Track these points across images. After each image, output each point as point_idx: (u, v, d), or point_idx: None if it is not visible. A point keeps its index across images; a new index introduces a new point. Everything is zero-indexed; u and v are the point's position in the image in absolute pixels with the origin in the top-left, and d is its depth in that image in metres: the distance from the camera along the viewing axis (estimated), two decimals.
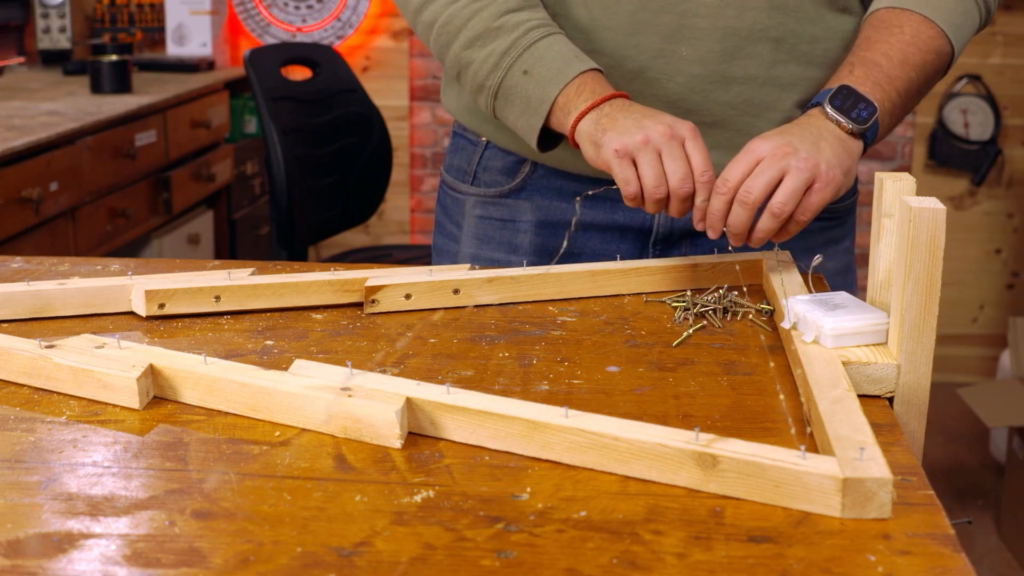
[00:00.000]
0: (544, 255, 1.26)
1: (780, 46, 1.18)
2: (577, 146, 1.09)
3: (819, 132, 1.05)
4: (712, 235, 1.03)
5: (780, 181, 1.00)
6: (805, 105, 1.17)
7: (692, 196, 1.02)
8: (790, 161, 1.00)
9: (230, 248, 3.25)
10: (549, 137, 1.15)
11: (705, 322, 1.01)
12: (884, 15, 1.17)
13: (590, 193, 1.20)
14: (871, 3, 1.22)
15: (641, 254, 1.26)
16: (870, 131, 1.08)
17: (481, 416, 0.75)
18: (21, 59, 3.31)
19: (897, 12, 1.16)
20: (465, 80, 1.16)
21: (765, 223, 1.01)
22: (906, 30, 1.14)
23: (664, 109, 1.18)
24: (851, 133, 1.06)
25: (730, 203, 1.01)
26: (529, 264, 1.21)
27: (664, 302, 1.06)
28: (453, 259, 1.34)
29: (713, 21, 1.16)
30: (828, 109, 1.07)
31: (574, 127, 1.08)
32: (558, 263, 1.13)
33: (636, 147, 1.01)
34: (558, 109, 1.10)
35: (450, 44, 1.15)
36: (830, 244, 1.29)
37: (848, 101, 1.08)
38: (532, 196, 1.27)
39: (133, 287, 1.02)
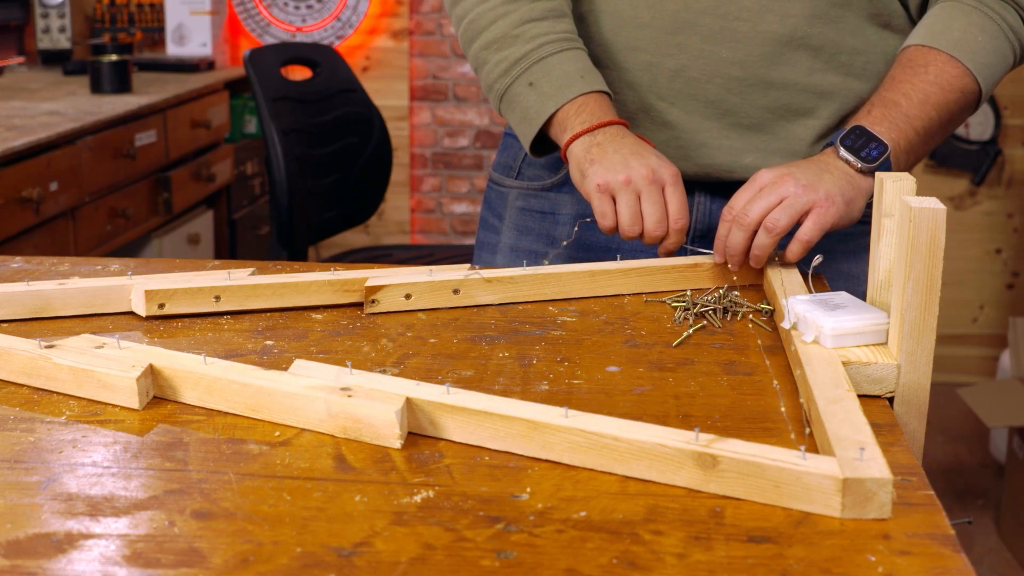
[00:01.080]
0: (581, 248, 1.29)
1: (819, 54, 1.20)
2: (567, 162, 1.16)
3: (825, 167, 1.11)
4: (718, 259, 1.11)
5: (778, 204, 1.06)
6: (846, 116, 1.23)
7: (664, 239, 1.10)
8: (788, 187, 1.07)
9: (230, 248, 3.26)
10: (546, 143, 1.21)
11: (705, 322, 1.01)
12: (912, 53, 1.19)
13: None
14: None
15: (680, 251, 1.21)
16: (881, 168, 1.11)
17: (481, 416, 0.75)
18: (21, 59, 3.31)
19: (924, 51, 1.18)
20: (480, 77, 1.23)
21: (760, 239, 1.06)
22: (930, 69, 1.17)
23: (702, 109, 1.23)
24: (860, 171, 1.11)
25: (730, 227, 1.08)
26: (567, 257, 1.27)
27: (664, 302, 1.06)
28: (493, 251, 1.37)
29: (754, 25, 1.18)
30: (840, 149, 1.12)
31: (567, 146, 1.15)
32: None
33: (617, 185, 1.09)
34: (556, 124, 1.16)
35: (473, 41, 1.22)
36: (852, 251, 1.29)
37: (859, 141, 1.13)
38: (573, 190, 1.29)
39: (133, 287, 1.02)
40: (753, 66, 1.20)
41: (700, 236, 1.29)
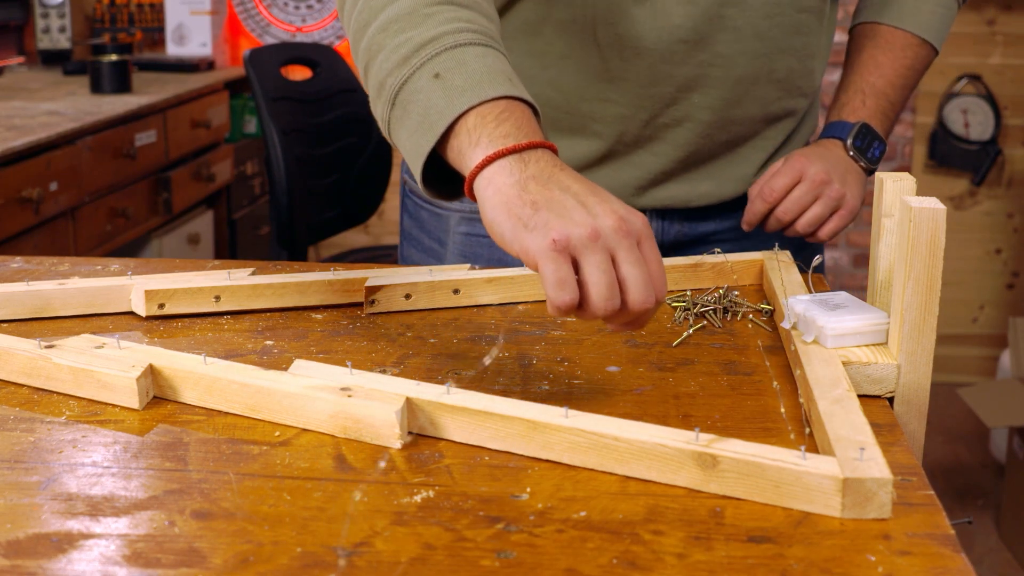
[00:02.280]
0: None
1: (781, 85, 1.22)
2: (473, 196, 0.80)
3: (846, 166, 1.20)
4: (747, 228, 1.20)
5: (812, 204, 1.16)
6: (791, 134, 1.28)
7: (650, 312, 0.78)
8: (824, 189, 1.16)
9: (230, 248, 3.26)
10: (442, 175, 0.86)
11: (705, 322, 1.01)
12: (887, 34, 1.26)
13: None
14: (862, 1, 1.30)
15: None
16: (876, 167, 1.21)
17: (481, 416, 0.75)
18: (21, 59, 3.31)
19: (900, 33, 1.26)
20: (368, 77, 0.88)
21: (787, 232, 1.19)
22: (908, 53, 1.26)
23: (669, 151, 1.22)
24: (864, 170, 1.22)
25: (771, 208, 1.17)
26: None
27: (664, 302, 1.06)
28: None
29: (726, 71, 1.17)
30: (851, 150, 1.21)
31: (480, 167, 0.78)
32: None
33: (582, 243, 0.75)
34: (463, 132, 0.80)
35: (367, 25, 0.89)
36: None
37: (866, 140, 1.22)
38: None
39: (133, 287, 1.02)
40: (722, 108, 1.19)
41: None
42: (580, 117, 1.18)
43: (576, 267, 0.75)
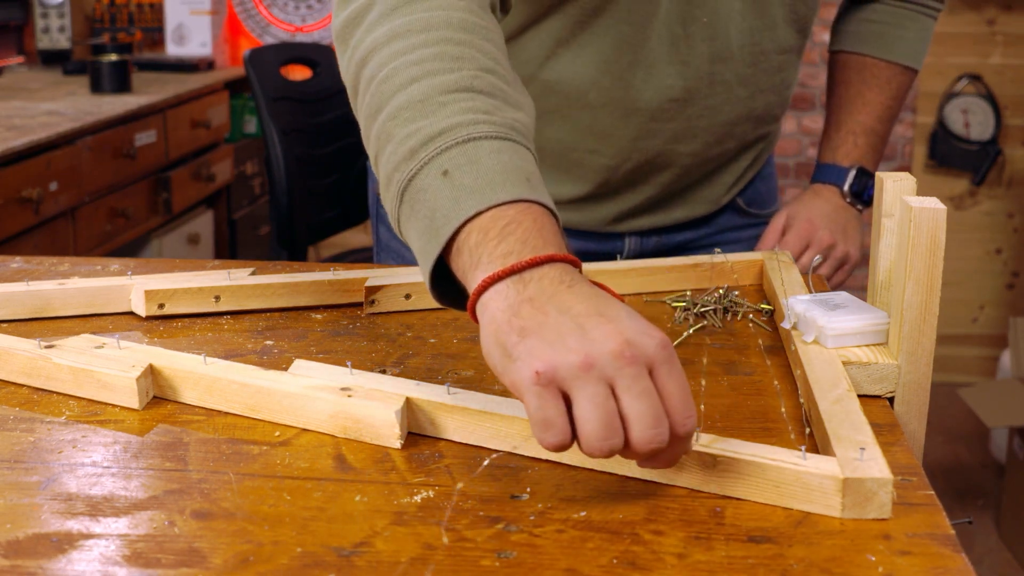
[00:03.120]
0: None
1: (761, 119, 1.26)
2: (476, 319, 0.70)
3: (846, 217, 1.29)
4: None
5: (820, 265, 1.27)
6: (759, 155, 1.34)
7: (662, 451, 0.65)
8: (829, 252, 1.28)
9: (230, 248, 3.25)
10: (452, 286, 0.75)
11: (705, 322, 1.01)
12: (872, 67, 1.31)
13: None
14: (841, 24, 1.35)
15: None
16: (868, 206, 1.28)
17: (481, 416, 0.75)
18: (21, 59, 3.31)
19: (884, 65, 1.31)
20: (379, 168, 0.78)
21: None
22: (893, 84, 1.31)
23: (651, 191, 1.25)
24: (859, 211, 1.31)
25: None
26: None
27: (664, 302, 1.06)
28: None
29: (711, 119, 1.20)
30: (848, 197, 1.29)
31: (478, 293, 0.68)
32: None
33: (572, 373, 0.63)
34: (465, 250, 0.70)
35: (379, 110, 0.79)
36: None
37: (861, 183, 1.29)
38: None
39: (133, 287, 1.02)
40: (704, 153, 1.23)
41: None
42: (567, 163, 1.22)
43: (569, 401, 0.64)
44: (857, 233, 1.30)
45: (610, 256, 1.26)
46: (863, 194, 1.30)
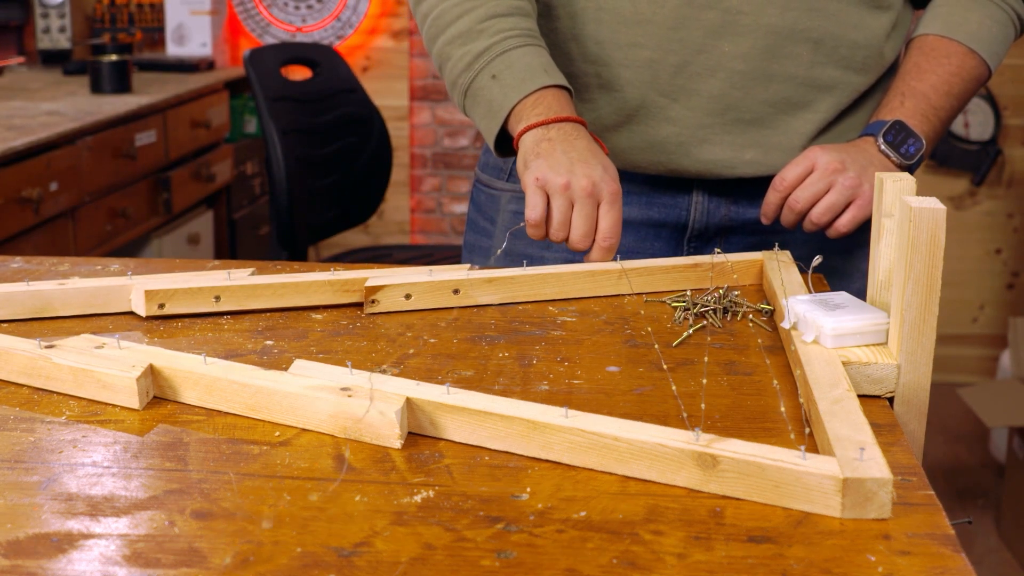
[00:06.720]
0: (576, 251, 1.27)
1: (819, 48, 1.22)
2: (517, 152, 1.14)
3: (869, 159, 1.18)
4: (765, 222, 1.20)
5: (826, 193, 1.16)
6: (844, 110, 1.27)
7: (587, 251, 1.08)
8: (837, 178, 1.16)
9: (230, 248, 3.26)
10: (509, 143, 1.19)
11: (705, 322, 1.01)
12: (933, 42, 1.26)
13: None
14: (918, 7, 1.30)
15: (676, 251, 1.30)
16: (916, 164, 1.20)
17: (481, 416, 0.75)
18: (21, 59, 3.31)
19: (946, 42, 1.26)
20: (444, 74, 1.22)
21: (805, 225, 1.18)
22: (952, 60, 1.26)
23: (704, 104, 1.24)
24: (897, 166, 1.19)
25: (784, 199, 1.18)
26: (562, 259, 1.25)
27: (664, 302, 1.06)
28: (485, 254, 1.37)
29: (755, 18, 1.19)
30: (881, 144, 1.19)
31: (519, 137, 1.13)
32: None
33: (554, 188, 1.07)
34: (514, 116, 1.15)
35: (437, 38, 1.21)
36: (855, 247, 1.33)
37: (899, 136, 1.21)
38: None
39: (133, 287, 1.02)
40: (755, 59, 1.20)
41: (697, 236, 1.30)
42: (613, 67, 1.22)
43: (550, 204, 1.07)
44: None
45: (677, 225, 1.28)
46: (900, 148, 1.19)
